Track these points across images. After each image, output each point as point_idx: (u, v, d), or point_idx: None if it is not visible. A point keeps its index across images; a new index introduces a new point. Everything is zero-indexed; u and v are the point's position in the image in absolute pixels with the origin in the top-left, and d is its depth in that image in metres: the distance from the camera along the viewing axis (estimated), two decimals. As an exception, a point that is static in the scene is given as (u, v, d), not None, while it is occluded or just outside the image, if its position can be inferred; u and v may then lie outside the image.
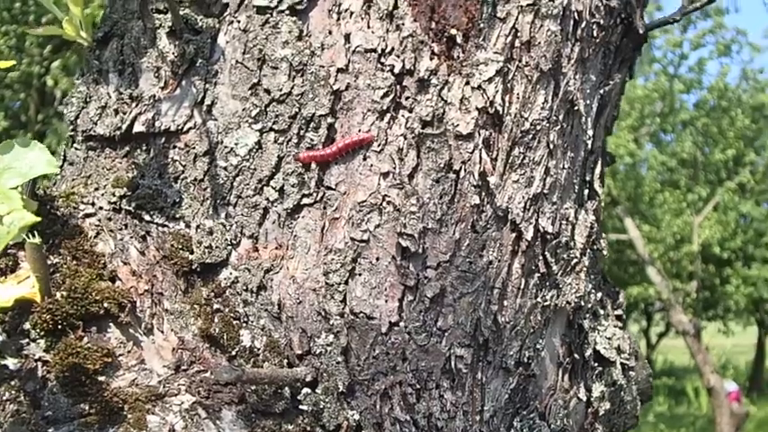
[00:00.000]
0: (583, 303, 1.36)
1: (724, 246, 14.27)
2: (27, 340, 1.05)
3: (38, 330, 1.04)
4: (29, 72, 9.60)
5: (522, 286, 1.25)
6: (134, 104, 1.26)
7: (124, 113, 1.26)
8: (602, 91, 1.38)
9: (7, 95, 9.77)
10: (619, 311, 1.56)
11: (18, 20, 9.71)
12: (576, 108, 1.29)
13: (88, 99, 1.32)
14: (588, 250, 1.37)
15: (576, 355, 1.38)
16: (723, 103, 14.72)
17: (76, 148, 1.32)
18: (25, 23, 9.75)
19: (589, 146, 1.36)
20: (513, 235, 1.24)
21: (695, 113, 14.85)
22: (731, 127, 14.49)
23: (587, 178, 1.39)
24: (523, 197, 1.24)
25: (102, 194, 1.24)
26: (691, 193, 14.22)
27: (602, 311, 1.49)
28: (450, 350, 1.19)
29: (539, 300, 1.28)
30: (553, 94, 1.26)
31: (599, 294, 1.47)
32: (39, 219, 0.83)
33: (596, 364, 1.45)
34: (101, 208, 1.23)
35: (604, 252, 1.45)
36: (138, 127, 1.25)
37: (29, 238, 0.98)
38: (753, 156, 15.06)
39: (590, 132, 1.36)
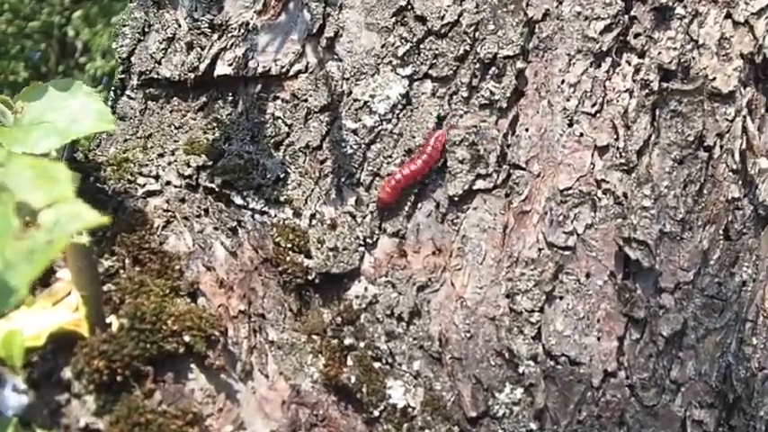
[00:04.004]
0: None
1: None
2: (67, 396, 0.66)
3: (84, 382, 0.66)
4: (49, 22, 9.23)
5: (778, 318, 0.86)
6: (216, 36, 0.88)
7: (201, 48, 0.89)
8: None
9: (27, 45, 9.42)
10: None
11: (39, -33, 9.31)
12: None
13: (147, 29, 0.94)
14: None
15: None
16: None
17: (130, 97, 0.96)
18: (46, -30, 9.35)
19: None
20: (776, 244, 0.84)
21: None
22: None
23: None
24: (792, 189, 0.84)
25: (170, 163, 0.87)
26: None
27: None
28: (686, 412, 0.80)
29: (797, 336, 0.89)
30: (838, 38, 0.85)
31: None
32: (105, 219, 0.44)
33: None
34: (168, 183, 0.86)
35: None
36: (222, 68, 0.90)
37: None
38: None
39: None
